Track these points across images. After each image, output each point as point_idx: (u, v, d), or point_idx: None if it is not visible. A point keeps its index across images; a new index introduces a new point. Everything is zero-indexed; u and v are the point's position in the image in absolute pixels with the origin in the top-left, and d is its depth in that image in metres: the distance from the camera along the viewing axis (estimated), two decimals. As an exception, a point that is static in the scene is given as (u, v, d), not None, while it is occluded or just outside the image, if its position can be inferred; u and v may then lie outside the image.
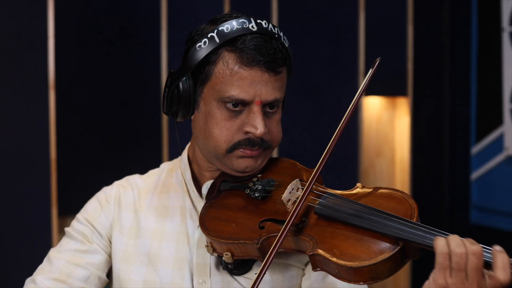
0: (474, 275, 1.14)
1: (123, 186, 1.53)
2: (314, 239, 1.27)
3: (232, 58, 1.36)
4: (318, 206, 1.31)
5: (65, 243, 1.49)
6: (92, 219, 1.49)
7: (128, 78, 3.61)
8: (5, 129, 3.30)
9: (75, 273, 1.44)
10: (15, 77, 3.31)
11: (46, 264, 1.47)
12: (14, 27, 3.29)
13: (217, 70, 1.37)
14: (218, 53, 1.36)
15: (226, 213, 1.39)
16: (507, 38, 3.89)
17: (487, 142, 4.09)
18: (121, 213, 1.49)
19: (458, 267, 1.14)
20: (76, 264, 1.45)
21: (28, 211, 3.33)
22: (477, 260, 1.13)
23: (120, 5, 3.59)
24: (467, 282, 1.14)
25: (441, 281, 1.15)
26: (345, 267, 1.22)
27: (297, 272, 1.43)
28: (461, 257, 1.14)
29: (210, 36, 1.35)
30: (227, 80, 1.36)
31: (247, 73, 1.35)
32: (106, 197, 1.51)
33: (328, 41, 4.05)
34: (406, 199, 1.30)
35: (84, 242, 1.47)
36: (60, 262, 1.45)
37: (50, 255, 1.49)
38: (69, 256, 1.46)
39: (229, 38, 1.35)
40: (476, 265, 1.13)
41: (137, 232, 1.47)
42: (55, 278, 1.43)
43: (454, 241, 1.15)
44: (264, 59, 1.34)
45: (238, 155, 1.38)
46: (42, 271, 1.46)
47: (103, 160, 3.52)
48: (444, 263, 1.15)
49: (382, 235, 1.23)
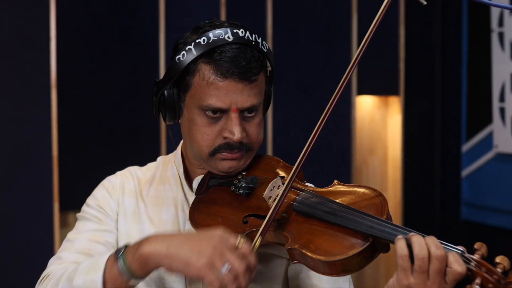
0: (436, 276, 1.18)
1: (126, 176, 1.60)
2: (292, 234, 1.34)
3: (208, 69, 1.41)
4: (296, 203, 1.38)
5: (82, 226, 1.54)
6: (103, 205, 1.55)
7: (127, 78, 3.62)
8: (8, 127, 3.31)
9: (97, 249, 1.49)
10: (18, 77, 3.32)
11: (67, 244, 1.52)
12: (18, 28, 3.31)
13: (195, 81, 1.43)
14: (196, 64, 1.42)
15: (213, 208, 1.46)
16: (496, 38, 3.89)
17: (477, 140, 4.09)
18: (124, 198, 1.56)
19: (420, 269, 1.19)
20: (97, 241, 1.50)
21: (30, 206, 3.35)
22: (440, 264, 1.18)
23: (120, 7, 3.59)
24: (428, 282, 1.18)
25: (404, 281, 1.20)
26: (319, 261, 1.29)
27: (280, 261, 1.49)
28: (423, 261, 1.18)
29: (188, 49, 1.41)
30: (204, 90, 1.41)
31: (222, 84, 1.40)
32: (112, 185, 1.58)
33: (322, 42, 4.04)
34: (377, 196, 1.37)
35: (100, 222, 1.53)
36: (82, 241, 1.50)
37: (70, 237, 1.53)
38: (89, 235, 1.51)
39: (205, 50, 1.40)
40: (439, 268, 1.18)
41: (139, 218, 1.53)
42: (80, 252, 1.47)
43: (417, 244, 1.20)
44: (238, 70, 1.39)
45: (220, 158, 1.45)
46: (65, 249, 1.50)
47: (103, 156, 3.52)
48: (404, 265, 1.20)
49: (354, 231, 1.30)
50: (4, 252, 3.31)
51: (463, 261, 1.19)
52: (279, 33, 3.89)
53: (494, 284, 1.20)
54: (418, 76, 4.33)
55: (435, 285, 1.18)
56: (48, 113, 3.35)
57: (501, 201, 3.95)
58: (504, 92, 3.86)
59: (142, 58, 3.64)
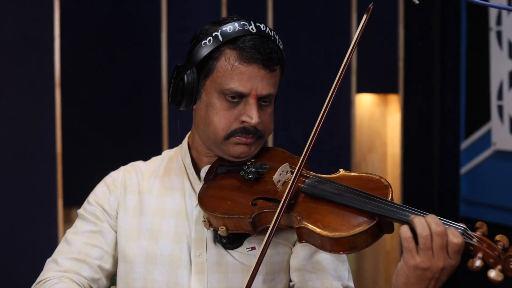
0: (439, 252, 1.24)
1: (128, 171, 1.65)
2: (301, 215, 1.39)
3: (233, 55, 1.48)
4: (305, 186, 1.44)
5: (80, 225, 1.60)
6: (102, 202, 1.61)
7: (129, 77, 3.63)
8: (14, 125, 3.32)
9: (92, 253, 1.56)
10: (23, 76, 3.33)
11: (64, 245, 1.58)
12: (22, 28, 3.31)
13: (219, 65, 1.49)
14: (221, 50, 1.49)
15: (222, 192, 1.52)
16: (494, 37, 3.88)
17: (475, 138, 4.09)
18: (126, 195, 1.61)
19: (424, 247, 1.25)
20: (92, 244, 1.56)
21: (35, 202, 3.36)
22: (441, 239, 1.24)
23: (123, 8, 3.60)
24: (433, 259, 1.24)
25: (411, 262, 1.26)
26: (327, 237, 1.34)
27: (284, 249, 1.55)
28: (426, 239, 1.24)
29: (215, 35, 1.48)
30: (227, 74, 1.48)
31: (245, 69, 1.48)
32: (114, 182, 1.63)
33: (322, 41, 4.04)
34: (382, 181, 1.42)
35: (96, 222, 1.59)
36: (78, 244, 1.57)
37: (68, 237, 1.60)
38: (85, 237, 1.57)
39: (231, 38, 1.48)
40: (441, 243, 1.24)
41: (140, 212, 1.59)
42: (75, 258, 1.55)
43: (419, 224, 1.26)
44: (261, 57, 1.47)
45: (234, 142, 1.51)
46: (61, 252, 1.57)
47: (106, 154, 3.53)
48: (409, 246, 1.26)
49: (360, 211, 1.35)
50: (8, 247, 3.32)
51: (459, 233, 1.25)
52: (279, 32, 3.82)
53: (495, 258, 1.25)
54: (417, 75, 4.32)
55: (440, 261, 1.24)
56: (52, 111, 3.37)
57: (500, 198, 3.94)
58: (502, 90, 3.86)
59: (144, 58, 3.65)
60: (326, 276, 1.51)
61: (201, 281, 1.51)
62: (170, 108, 3.69)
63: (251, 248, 1.52)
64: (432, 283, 1.26)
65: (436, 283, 1.27)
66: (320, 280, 1.51)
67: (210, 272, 1.51)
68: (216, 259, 1.53)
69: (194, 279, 1.51)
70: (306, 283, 1.52)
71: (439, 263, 1.25)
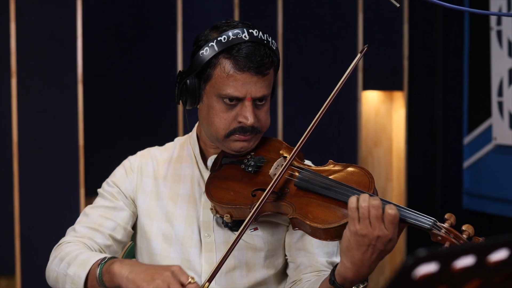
0: (375, 222, 1.39)
1: (145, 157, 1.79)
2: (294, 206, 1.54)
3: (228, 64, 1.59)
4: (297, 180, 1.58)
5: (98, 201, 1.76)
6: (119, 183, 1.75)
7: (147, 74, 3.70)
8: (39, 119, 3.42)
9: (105, 224, 1.70)
10: (48, 73, 3.43)
11: (83, 217, 1.74)
12: (47, 28, 3.41)
13: (216, 73, 1.61)
14: (217, 59, 1.60)
15: (226, 183, 1.65)
16: (495, 36, 3.92)
17: (477, 133, 4.11)
18: (142, 179, 1.75)
19: (363, 216, 1.40)
20: (106, 217, 1.71)
21: (59, 191, 3.45)
22: (376, 211, 1.39)
23: (141, 9, 3.67)
24: (370, 228, 1.39)
25: (352, 228, 1.41)
26: (316, 228, 1.48)
27: (282, 228, 1.71)
28: (364, 209, 1.40)
29: (211, 45, 1.60)
30: (224, 81, 1.60)
31: (240, 76, 1.59)
32: (131, 166, 1.77)
33: (329, 40, 4.07)
34: (366, 174, 1.56)
35: (112, 200, 1.73)
36: (94, 215, 1.72)
37: (86, 210, 1.75)
38: (101, 211, 1.72)
39: (225, 47, 1.59)
40: (376, 214, 1.39)
41: (157, 195, 1.73)
42: (90, 227, 1.70)
43: (361, 198, 1.42)
44: (253, 65, 1.58)
45: (234, 139, 1.65)
46: (80, 222, 1.73)
47: (125, 146, 3.45)
48: (352, 215, 1.42)
49: (345, 204, 1.48)
50: (34, 234, 3.41)
51: (395, 207, 1.40)
52: (288, 31, 3.92)
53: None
54: (421, 72, 4.33)
55: (375, 230, 1.39)
56: (75, 106, 3.45)
57: (501, 190, 3.98)
58: (502, 87, 3.89)
59: (161, 55, 3.71)
60: (313, 254, 1.67)
61: (210, 258, 1.67)
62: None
63: (254, 229, 1.67)
64: (370, 249, 1.41)
65: (373, 250, 1.41)
66: (307, 257, 1.67)
67: (218, 250, 1.67)
68: (223, 239, 1.67)
69: (204, 256, 1.67)
70: (296, 258, 1.68)
71: (374, 231, 1.39)
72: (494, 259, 0.72)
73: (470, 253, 0.69)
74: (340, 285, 1.47)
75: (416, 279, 0.67)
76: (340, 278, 1.47)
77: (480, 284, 0.76)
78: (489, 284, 0.78)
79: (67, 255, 1.61)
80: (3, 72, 3.36)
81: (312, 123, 1.56)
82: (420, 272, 0.67)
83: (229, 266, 1.66)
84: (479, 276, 0.75)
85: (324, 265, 1.67)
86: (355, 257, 1.42)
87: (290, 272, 1.70)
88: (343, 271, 1.45)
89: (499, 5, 3.88)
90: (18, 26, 3.36)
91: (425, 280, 0.69)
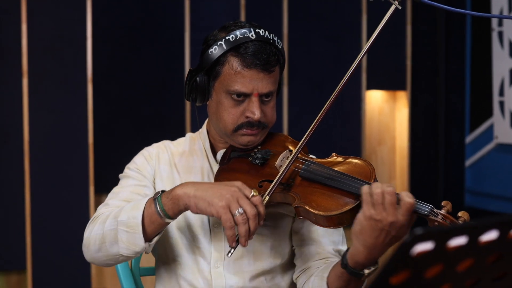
0: (390, 208, 1.43)
1: (161, 148, 1.85)
2: (299, 195, 1.58)
3: (236, 61, 1.63)
4: (302, 171, 1.63)
5: (125, 182, 1.78)
6: (141, 168, 1.80)
7: (155, 73, 3.72)
8: (49, 117, 3.44)
9: (137, 198, 1.71)
10: (58, 72, 3.44)
11: (113, 195, 1.75)
12: (58, 29, 3.43)
13: (225, 70, 1.65)
14: (226, 57, 1.64)
15: (234, 175, 1.70)
16: (496, 37, 3.99)
17: (479, 132, 4.17)
18: (160, 166, 1.81)
19: (377, 202, 1.43)
20: (138, 193, 1.74)
21: (69, 188, 3.47)
22: (390, 197, 1.42)
23: (149, 10, 3.68)
24: (384, 213, 1.43)
25: (367, 213, 1.44)
26: (319, 215, 1.53)
27: (288, 219, 1.76)
28: (378, 195, 1.43)
29: (219, 44, 1.65)
30: (232, 78, 1.64)
31: (247, 73, 1.63)
32: (149, 153, 1.82)
33: (333, 40, 4.11)
34: (367, 165, 1.61)
35: (140, 178, 1.78)
36: (125, 192, 1.74)
37: (115, 190, 1.76)
38: (131, 188, 1.75)
39: (234, 46, 1.64)
40: (391, 201, 1.42)
41: (173, 182, 1.78)
42: (123, 199, 1.72)
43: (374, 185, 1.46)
44: (260, 63, 1.62)
45: (241, 134, 1.70)
46: (111, 198, 1.74)
47: (133, 144, 3.30)
48: (367, 199, 1.45)
49: (347, 193, 1.53)
50: (44, 230, 3.44)
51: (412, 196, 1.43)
52: (293, 32, 3.97)
53: None
54: (424, 72, 4.39)
55: (390, 216, 1.42)
56: (84, 104, 3.48)
57: (502, 188, 4.04)
58: (504, 87, 3.94)
59: (169, 55, 3.73)
60: (320, 242, 1.72)
61: (220, 247, 1.73)
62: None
63: None
64: (383, 234, 1.44)
65: (386, 235, 1.44)
66: (315, 246, 1.72)
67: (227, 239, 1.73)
68: None
69: (214, 245, 1.73)
70: (303, 247, 1.74)
71: (388, 217, 1.42)
72: (485, 240, 0.79)
73: (463, 233, 0.76)
74: (352, 268, 1.51)
75: (414, 256, 0.74)
76: (352, 261, 1.50)
77: (473, 263, 0.83)
78: (481, 264, 0.84)
79: (111, 214, 1.62)
80: (15, 72, 3.38)
81: (319, 115, 1.61)
82: (417, 249, 0.73)
83: (237, 254, 1.72)
84: (472, 256, 0.81)
85: (331, 253, 1.72)
86: (368, 240, 1.45)
87: (298, 261, 1.75)
88: (356, 254, 1.49)
89: (500, 6, 3.93)
90: (30, 27, 3.39)
91: (422, 257, 0.75)
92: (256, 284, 1.73)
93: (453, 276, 0.84)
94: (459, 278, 0.84)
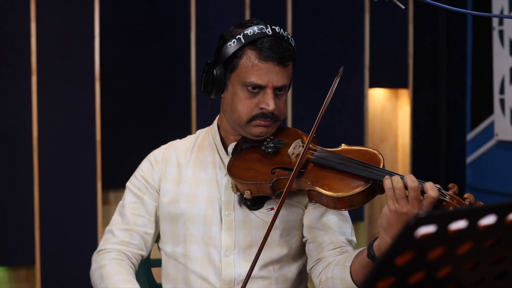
0: (414, 201, 1.48)
1: (167, 149, 1.91)
2: (311, 180, 1.65)
3: (253, 54, 1.71)
4: (314, 157, 1.70)
5: (127, 197, 1.88)
6: (146, 175, 1.87)
7: (162, 71, 3.73)
8: (58, 115, 3.47)
9: (138, 222, 1.84)
10: (67, 71, 3.47)
11: (118, 217, 1.87)
12: (66, 28, 3.46)
13: (242, 62, 1.73)
14: (243, 50, 1.73)
15: (247, 163, 1.77)
16: (497, 36, 3.99)
17: (480, 129, 4.18)
18: (167, 169, 1.87)
19: (400, 196, 1.49)
20: (137, 214, 1.84)
21: (76, 184, 3.51)
22: (414, 192, 1.48)
23: (156, 9, 3.70)
24: (409, 206, 1.48)
25: (392, 207, 1.50)
26: (331, 197, 1.59)
27: (297, 210, 1.82)
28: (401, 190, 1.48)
29: (238, 38, 1.73)
30: (249, 70, 1.72)
31: (263, 66, 1.72)
32: (156, 158, 1.89)
33: (337, 39, 4.12)
34: (376, 153, 1.68)
35: (139, 194, 1.86)
36: (127, 215, 1.85)
37: (119, 209, 1.87)
38: (131, 208, 1.85)
39: (251, 40, 1.73)
40: (414, 195, 1.48)
41: (179, 180, 1.84)
42: (126, 229, 1.83)
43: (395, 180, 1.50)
44: (276, 56, 1.71)
45: (255, 124, 1.77)
46: (116, 223, 1.86)
47: (140, 141, 3.62)
48: (390, 194, 1.50)
49: (358, 176, 1.60)
50: (52, 226, 3.47)
51: (437, 190, 1.48)
52: (298, 31, 3.99)
53: None
54: (425, 71, 4.38)
55: (414, 209, 1.48)
56: (92, 102, 3.51)
57: (503, 185, 4.04)
58: (504, 85, 3.95)
59: (175, 54, 3.74)
60: (333, 232, 1.78)
61: (230, 235, 1.78)
62: (198, 100, 3.77)
63: (271, 209, 1.78)
64: None
65: None
66: (328, 235, 1.77)
67: (237, 228, 1.79)
68: (242, 217, 1.78)
69: (224, 234, 1.79)
70: (316, 238, 1.79)
71: (413, 210, 1.48)
72: (484, 224, 0.85)
73: (463, 217, 0.82)
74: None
75: (418, 238, 0.79)
76: (379, 253, 1.55)
77: (472, 247, 0.89)
78: (480, 247, 0.90)
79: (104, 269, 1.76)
80: (24, 71, 3.40)
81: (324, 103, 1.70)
82: (421, 232, 0.79)
83: (246, 242, 1.78)
84: (471, 239, 0.87)
85: (345, 243, 1.78)
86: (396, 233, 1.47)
87: (312, 251, 1.80)
88: (384, 245, 1.54)
89: (501, 6, 3.93)
90: (38, 26, 3.41)
91: (425, 239, 0.81)
92: (265, 274, 1.78)
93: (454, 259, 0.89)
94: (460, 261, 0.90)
